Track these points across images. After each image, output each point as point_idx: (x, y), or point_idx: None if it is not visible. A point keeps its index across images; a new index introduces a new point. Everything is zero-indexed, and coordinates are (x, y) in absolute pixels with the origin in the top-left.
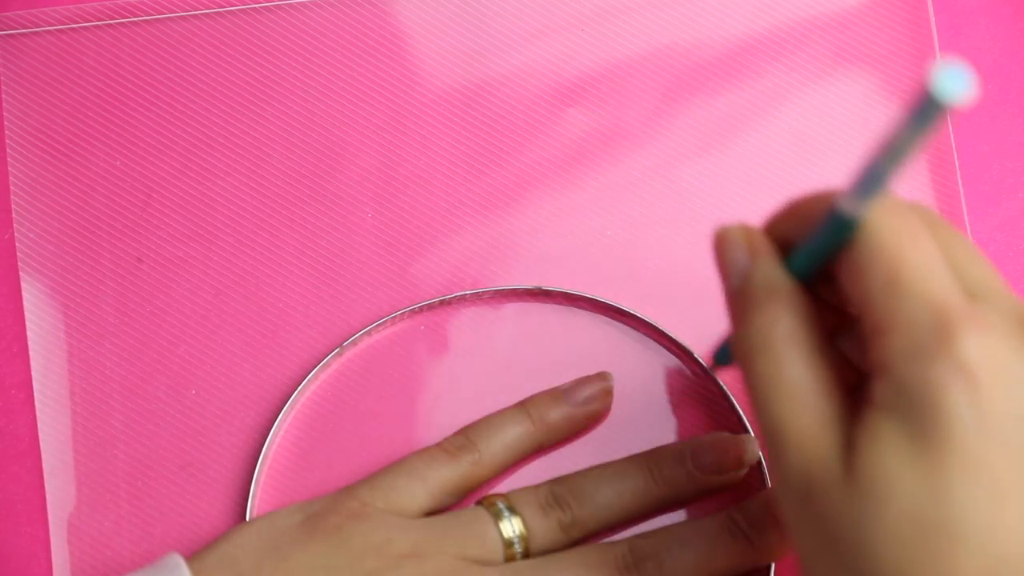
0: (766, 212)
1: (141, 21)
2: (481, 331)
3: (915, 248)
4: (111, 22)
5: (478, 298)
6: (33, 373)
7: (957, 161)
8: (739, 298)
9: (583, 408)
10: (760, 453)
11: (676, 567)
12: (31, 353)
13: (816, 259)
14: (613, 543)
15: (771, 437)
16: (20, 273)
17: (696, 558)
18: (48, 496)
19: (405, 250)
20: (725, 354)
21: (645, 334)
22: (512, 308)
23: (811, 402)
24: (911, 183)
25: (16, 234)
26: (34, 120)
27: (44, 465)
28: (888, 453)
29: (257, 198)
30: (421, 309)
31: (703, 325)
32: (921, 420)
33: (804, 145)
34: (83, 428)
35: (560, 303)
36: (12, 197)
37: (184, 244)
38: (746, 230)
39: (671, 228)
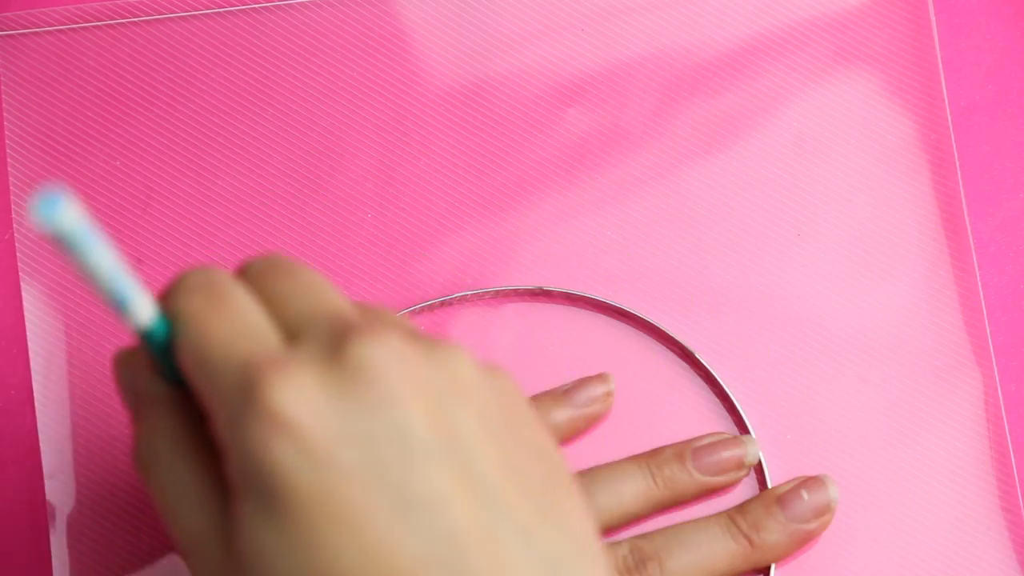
0: (766, 212)
1: (141, 21)
2: (481, 331)
3: (216, 317)
4: (111, 22)
5: (479, 298)
6: (33, 374)
7: (957, 161)
8: (129, 408)
9: (584, 409)
10: (760, 454)
11: (677, 568)
12: (31, 353)
13: (163, 362)
14: (614, 544)
15: (177, 544)
16: (20, 274)
17: (697, 559)
18: (48, 497)
19: (405, 250)
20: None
21: (645, 334)
22: (512, 308)
23: (196, 506)
24: (911, 184)
25: (16, 234)
26: (34, 120)
27: (44, 466)
28: (253, 535)
29: (257, 198)
30: (422, 310)
31: (703, 325)
32: (261, 487)
33: (804, 145)
34: (83, 428)
35: (560, 303)
36: (12, 197)
37: (184, 244)
38: (128, 350)
39: (671, 228)
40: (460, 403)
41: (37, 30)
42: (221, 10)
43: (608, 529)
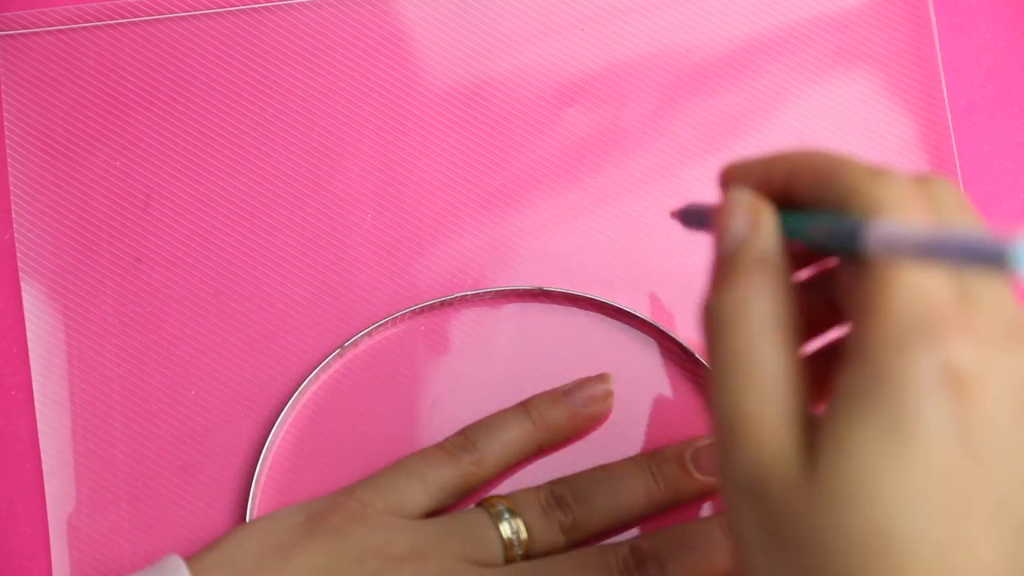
0: None
1: (141, 21)
2: (481, 331)
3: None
4: (111, 22)
5: (478, 298)
6: (33, 374)
7: (958, 161)
8: (726, 262)
9: (584, 409)
10: None
11: (678, 568)
12: (31, 354)
13: (817, 242)
14: (614, 544)
15: (726, 425)
16: (20, 274)
17: (698, 559)
18: (48, 497)
19: (405, 250)
20: (696, 217)
21: (645, 334)
22: (512, 308)
23: (777, 393)
24: None
25: (16, 235)
26: (34, 120)
27: (44, 466)
28: (855, 450)
29: (257, 198)
30: (422, 310)
31: None
32: (895, 417)
33: (804, 145)
34: (83, 428)
35: (560, 303)
36: (12, 198)
37: (184, 244)
38: (753, 199)
39: (671, 228)
40: None
41: (37, 30)
42: (221, 10)
43: (609, 530)
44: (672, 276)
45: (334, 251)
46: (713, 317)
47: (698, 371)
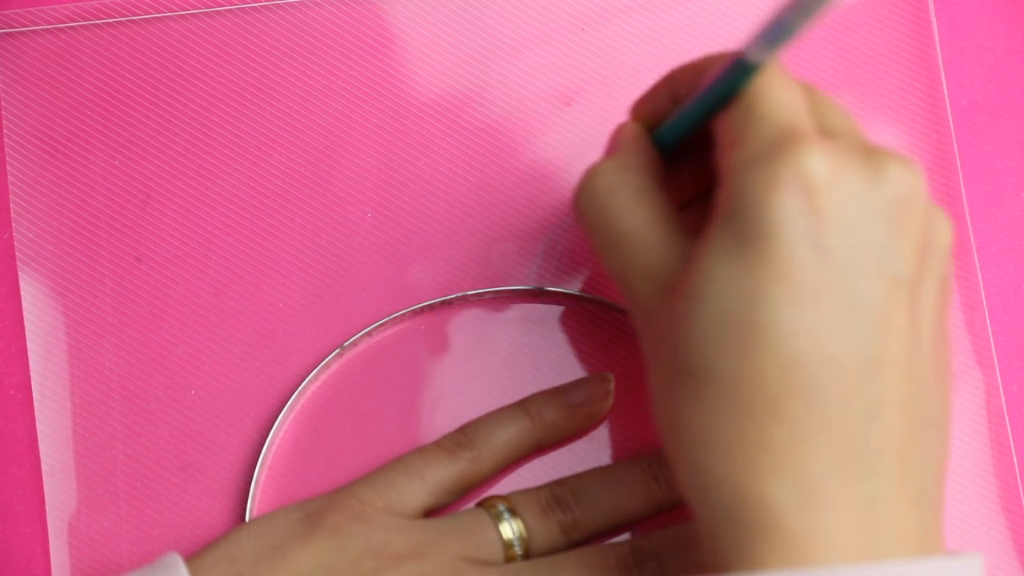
0: None
1: (140, 20)
2: (481, 332)
3: (780, 86)
4: (110, 20)
5: (478, 299)
6: (32, 373)
7: (959, 161)
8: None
9: (583, 408)
10: None
11: (678, 567)
12: (30, 353)
13: (710, 105)
14: (615, 544)
15: (618, 264)
16: (19, 273)
17: (698, 558)
18: (47, 497)
19: (405, 250)
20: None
21: None
22: (512, 308)
23: (653, 240)
24: None
25: (15, 234)
26: (33, 119)
27: (43, 466)
28: (713, 257)
29: (256, 198)
30: (421, 310)
31: None
32: (747, 221)
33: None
34: (82, 429)
35: (560, 303)
36: (11, 196)
37: (183, 244)
38: (623, 124)
39: None
40: (935, 262)
41: (36, 28)
42: (221, 9)
43: (610, 530)
44: None
45: (334, 251)
46: (589, 197)
47: None
